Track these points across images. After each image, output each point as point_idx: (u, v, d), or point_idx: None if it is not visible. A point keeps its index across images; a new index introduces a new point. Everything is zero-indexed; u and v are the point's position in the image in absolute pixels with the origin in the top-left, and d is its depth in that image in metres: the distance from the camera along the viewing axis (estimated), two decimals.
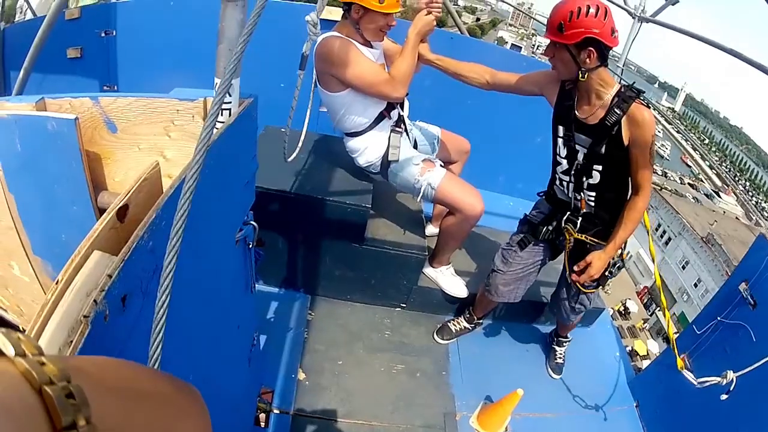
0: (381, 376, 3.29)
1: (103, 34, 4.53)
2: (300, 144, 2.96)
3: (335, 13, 4.28)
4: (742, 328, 3.07)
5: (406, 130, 3.34)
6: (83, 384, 0.38)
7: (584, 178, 2.77)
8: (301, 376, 3.11)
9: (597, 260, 2.81)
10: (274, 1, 4.71)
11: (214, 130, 1.49)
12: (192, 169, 0.99)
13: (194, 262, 1.35)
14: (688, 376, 2.91)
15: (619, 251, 2.92)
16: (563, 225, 3.00)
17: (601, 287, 3.09)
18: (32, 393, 0.35)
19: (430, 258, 3.70)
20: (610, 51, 2.48)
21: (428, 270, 3.71)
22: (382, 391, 3.19)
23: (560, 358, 3.81)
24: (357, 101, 3.13)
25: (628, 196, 2.73)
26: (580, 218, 2.92)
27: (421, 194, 3.27)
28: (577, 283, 2.99)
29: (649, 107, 2.49)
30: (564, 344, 3.80)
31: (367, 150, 3.29)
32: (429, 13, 3.00)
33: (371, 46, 3.13)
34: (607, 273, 2.91)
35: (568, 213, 2.98)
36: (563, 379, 3.77)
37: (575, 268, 2.92)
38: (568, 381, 3.79)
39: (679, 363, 3.01)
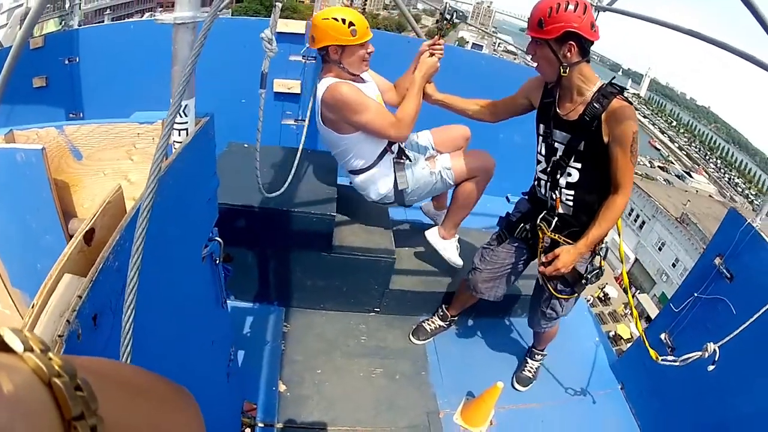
0: (361, 381, 3.33)
1: (66, 62, 4.53)
2: (293, 170, 3.05)
3: (292, 26, 4.35)
4: (721, 302, 3.14)
5: (408, 158, 3.45)
6: (88, 378, 0.40)
7: (559, 176, 2.81)
8: (282, 388, 3.15)
9: (565, 254, 2.80)
10: (231, 18, 4.75)
11: (173, 150, 1.56)
12: (148, 189, 1.05)
13: (161, 279, 1.41)
14: (669, 358, 2.96)
15: (599, 259, 2.96)
16: (537, 223, 3.01)
17: (576, 294, 3.08)
18: (42, 386, 0.36)
19: (440, 229, 3.75)
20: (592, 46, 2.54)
21: (437, 241, 3.77)
22: (364, 396, 3.24)
23: (530, 371, 3.75)
24: (365, 141, 3.26)
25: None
26: (556, 218, 2.92)
27: (445, 183, 3.44)
28: (549, 285, 3.02)
29: (631, 104, 2.51)
30: (537, 358, 3.76)
31: (377, 185, 3.41)
32: (432, 55, 3.17)
33: (362, 80, 3.27)
34: (583, 280, 2.92)
35: (544, 212, 3.00)
36: (545, 369, 3.83)
37: (543, 259, 2.95)
38: (550, 370, 3.86)
39: (653, 354, 3.05)
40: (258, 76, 2.68)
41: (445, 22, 3.18)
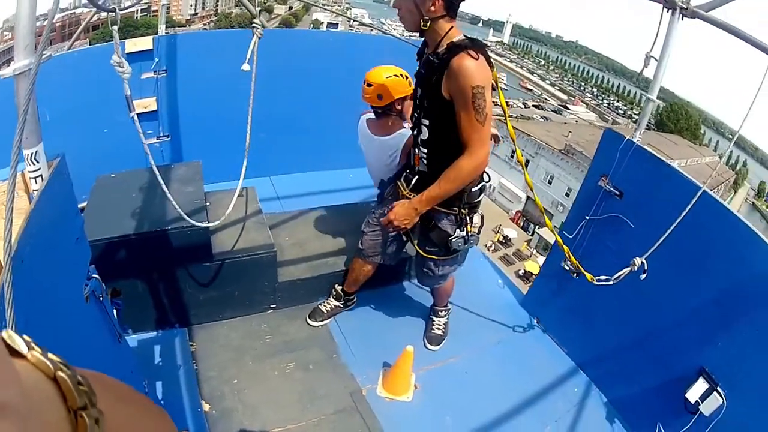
0: (278, 380, 3.39)
1: None
2: (232, 204, 3.18)
3: (140, 44, 4.30)
4: (616, 219, 3.42)
5: None
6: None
7: (417, 133, 2.87)
8: (206, 407, 3.15)
9: (399, 206, 2.89)
10: (78, 50, 4.59)
11: (33, 198, 1.59)
12: (5, 247, 1.11)
13: (46, 327, 1.45)
14: (602, 278, 3.18)
15: (471, 226, 2.99)
16: (398, 182, 3.13)
17: (446, 257, 3.15)
18: (48, 380, 0.39)
19: None
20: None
21: None
22: (285, 394, 3.31)
23: (438, 329, 3.89)
24: None
25: None
26: (416, 176, 2.97)
27: None
28: (416, 245, 3.15)
29: (479, 59, 2.43)
30: (442, 314, 3.93)
31: None
32: None
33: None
34: (450, 244, 2.98)
35: (407, 171, 3.10)
36: (455, 323, 4.00)
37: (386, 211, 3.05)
38: (460, 323, 4.04)
39: (588, 277, 3.25)
40: (115, 103, 2.67)
41: None
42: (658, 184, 3.24)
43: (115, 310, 2.37)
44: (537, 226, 34.66)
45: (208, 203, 3.58)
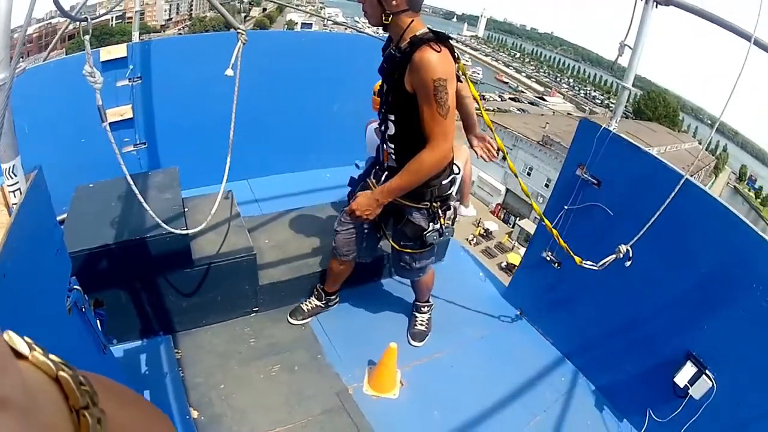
0: (264, 383, 3.40)
1: None
2: (214, 210, 3.19)
3: (114, 52, 4.30)
4: (595, 207, 3.46)
5: None
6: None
7: (384, 128, 2.86)
8: (195, 414, 3.15)
9: (361, 197, 2.92)
10: (55, 60, 4.56)
11: (12, 212, 1.59)
12: None
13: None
14: (588, 263, 3.20)
15: (445, 219, 3.01)
16: (368, 179, 3.13)
17: (421, 250, 3.18)
18: (49, 381, 0.39)
19: (465, 202, 4.65)
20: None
21: (469, 211, 4.53)
22: (272, 397, 3.32)
23: (421, 325, 3.91)
24: None
25: None
26: (386, 172, 2.99)
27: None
28: (390, 239, 3.21)
29: (441, 51, 2.43)
30: (424, 310, 3.94)
31: None
32: None
33: None
34: (424, 238, 3.02)
35: (377, 167, 3.11)
36: (438, 318, 4.01)
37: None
38: (443, 318, 4.06)
39: (577, 260, 3.26)
40: (91, 112, 2.67)
41: None
42: (635, 171, 3.29)
43: (98, 321, 2.37)
44: (518, 218, 34.88)
45: (186, 209, 3.58)
